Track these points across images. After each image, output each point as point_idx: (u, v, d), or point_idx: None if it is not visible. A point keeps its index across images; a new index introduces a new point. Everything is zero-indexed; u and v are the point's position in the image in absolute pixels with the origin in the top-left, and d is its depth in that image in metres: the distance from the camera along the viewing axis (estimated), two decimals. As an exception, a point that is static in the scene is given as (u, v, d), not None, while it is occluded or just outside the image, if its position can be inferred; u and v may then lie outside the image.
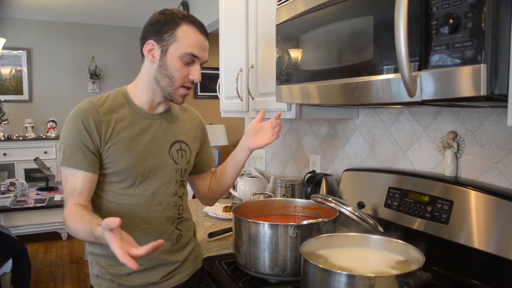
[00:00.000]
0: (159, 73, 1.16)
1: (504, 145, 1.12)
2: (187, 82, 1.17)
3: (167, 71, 1.15)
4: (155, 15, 1.17)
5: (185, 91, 1.18)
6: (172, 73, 1.14)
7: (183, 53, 1.13)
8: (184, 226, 1.30)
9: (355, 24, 1.01)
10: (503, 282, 1.00)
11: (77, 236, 1.06)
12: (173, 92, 1.17)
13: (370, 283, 0.84)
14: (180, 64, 1.14)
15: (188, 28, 1.14)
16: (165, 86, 1.16)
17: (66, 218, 1.09)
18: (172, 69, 1.14)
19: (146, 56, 1.17)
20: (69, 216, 1.08)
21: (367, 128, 1.61)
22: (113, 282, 1.20)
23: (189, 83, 1.18)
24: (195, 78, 1.16)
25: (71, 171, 1.12)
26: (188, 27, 1.14)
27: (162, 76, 1.15)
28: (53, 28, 5.70)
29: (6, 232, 3.04)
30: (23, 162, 5.25)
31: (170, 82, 1.15)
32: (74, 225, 1.05)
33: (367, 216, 1.21)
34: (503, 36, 0.73)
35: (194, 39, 1.14)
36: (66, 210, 1.10)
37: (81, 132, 1.11)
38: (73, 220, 1.06)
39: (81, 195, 1.12)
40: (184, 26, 1.13)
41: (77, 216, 1.07)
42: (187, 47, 1.13)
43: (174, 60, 1.13)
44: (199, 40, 1.15)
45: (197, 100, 6.59)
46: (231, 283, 1.20)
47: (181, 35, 1.13)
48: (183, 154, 1.27)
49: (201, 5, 3.93)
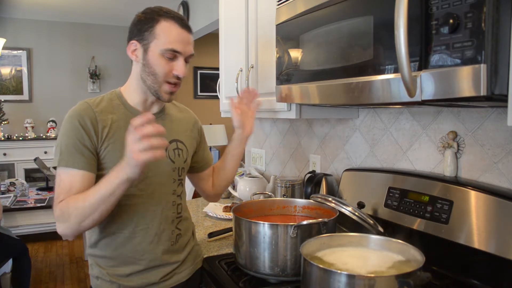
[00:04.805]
0: (144, 72, 1.16)
1: (504, 145, 1.12)
2: (172, 78, 1.16)
3: (151, 69, 1.15)
4: (137, 15, 1.17)
5: (170, 87, 1.17)
6: (155, 70, 1.14)
7: (164, 49, 1.12)
8: (183, 225, 1.30)
9: (355, 24, 1.01)
10: (503, 282, 1.00)
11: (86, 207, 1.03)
12: (158, 89, 1.16)
13: (370, 283, 0.84)
14: (163, 61, 1.13)
15: (167, 23, 1.13)
16: (150, 84, 1.16)
17: (67, 201, 1.05)
18: (154, 66, 1.14)
19: (130, 57, 1.18)
20: (71, 198, 1.06)
21: (367, 128, 1.61)
22: (113, 283, 1.19)
23: (174, 79, 1.16)
24: (179, 73, 1.15)
25: (68, 171, 1.09)
26: (167, 22, 1.13)
27: (147, 74, 1.16)
28: (53, 28, 5.70)
29: (7, 232, 3.03)
30: (23, 162, 5.25)
31: (155, 79, 1.15)
32: (82, 196, 1.04)
33: (367, 216, 1.21)
34: (503, 36, 0.73)
35: (173, 34, 1.13)
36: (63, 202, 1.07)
37: (78, 132, 1.11)
38: (80, 194, 1.05)
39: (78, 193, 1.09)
40: (163, 22, 1.13)
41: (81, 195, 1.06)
42: (167, 43, 1.12)
43: (156, 57, 1.13)
44: (179, 34, 1.14)
45: (197, 100, 6.59)
46: (231, 283, 1.19)
47: (160, 32, 1.12)
48: (179, 153, 1.28)
49: (201, 5, 3.93)
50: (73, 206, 1.05)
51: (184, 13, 4.31)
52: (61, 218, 1.07)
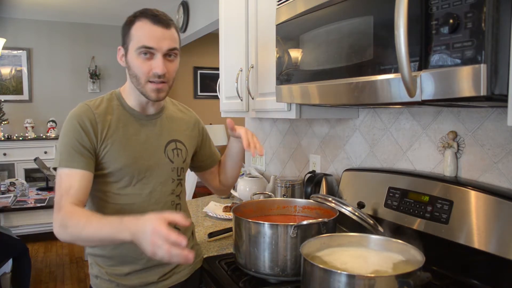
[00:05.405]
0: (129, 74, 1.18)
1: (504, 145, 1.12)
2: (152, 77, 1.14)
3: (131, 70, 1.15)
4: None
5: (155, 85, 1.15)
6: (135, 71, 1.14)
7: (137, 48, 1.12)
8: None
9: (355, 24, 1.01)
10: (503, 282, 1.00)
11: (83, 233, 1.01)
12: (143, 89, 1.16)
13: (370, 283, 0.84)
14: (140, 60, 1.13)
15: (141, 23, 1.13)
16: (136, 85, 1.17)
17: (69, 215, 1.04)
18: (134, 67, 1.14)
19: (120, 63, 1.20)
20: (74, 213, 1.04)
21: (367, 128, 1.61)
22: (112, 283, 1.20)
23: (155, 77, 1.14)
24: (158, 71, 1.12)
25: (68, 171, 1.10)
26: (141, 22, 1.13)
27: (131, 76, 1.17)
28: (53, 28, 5.70)
29: (7, 232, 3.04)
30: (23, 162, 5.24)
31: (137, 81, 1.15)
32: (84, 220, 1.01)
33: (367, 216, 1.21)
34: (503, 36, 0.73)
35: (145, 32, 1.12)
36: (66, 209, 1.05)
37: (78, 132, 1.12)
38: (83, 215, 1.03)
39: (78, 194, 1.09)
40: (137, 22, 1.13)
41: (88, 212, 1.06)
42: (139, 41, 1.12)
43: (133, 58, 1.13)
44: (151, 31, 1.12)
45: (197, 100, 6.59)
46: (231, 283, 1.20)
47: (135, 32, 1.13)
48: (178, 153, 1.28)
49: (201, 5, 3.93)
50: (73, 223, 1.03)
51: (184, 13, 4.31)
52: (60, 225, 1.06)
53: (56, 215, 1.07)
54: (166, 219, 0.89)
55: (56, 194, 1.11)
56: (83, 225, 1.01)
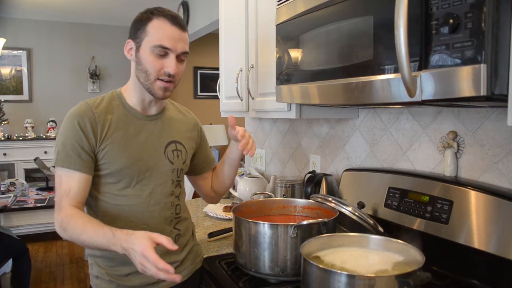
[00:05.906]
0: (137, 70, 1.17)
1: (504, 145, 1.12)
2: (163, 75, 1.15)
3: (142, 66, 1.15)
4: (136, 16, 1.18)
5: (164, 84, 1.16)
6: (146, 67, 1.14)
7: (153, 46, 1.12)
8: (183, 226, 1.30)
9: (355, 24, 1.01)
10: (503, 282, 1.00)
11: (80, 239, 1.05)
12: (151, 86, 1.16)
13: (370, 283, 0.84)
14: (153, 57, 1.13)
15: (159, 21, 1.13)
16: (143, 81, 1.17)
17: (68, 219, 1.07)
18: (145, 63, 1.14)
19: (126, 55, 1.19)
20: (72, 218, 1.07)
21: (367, 128, 1.61)
22: (112, 283, 1.20)
23: (165, 76, 1.15)
24: (170, 70, 1.14)
25: (66, 172, 1.12)
26: (159, 20, 1.13)
27: (139, 71, 1.16)
28: (53, 28, 5.70)
29: (7, 232, 3.03)
30: (23, 162, 5.25)
31: (146, 77, 1.15)
32: (81, 226, 1.05)
33: (367, 216, 1.21)
34: (503, 36, 0.73)
35: (164, 31, 1.13)
36: (65, 212, 1.09)
37: (77, 133, 1.12)
38: (81, 221, 1.06)
39: (77, 196, 1.11)
40: (155, 20, 1.13)
41: (85, 218, 1.07)
42: (157, 39, 1.12)
43: (146, 54, 1.14)
44: (169, 31, 1.13)
45: (197, 100, 6.59)
46: (231, 283, 1.20)
47: (151, 29, 1.13)
48: (178, 154, 1.28)
49: (201, 5, 3.93)
50: (71, 227, 1.07)
51: (184, 13, 4.31)
52: (60, 226, 1.10)
53: (56, 215, 1.11)
54: (154, 241, 0.95)
55: (56, 194, 1.13)
56: (79, 232, 1.05)
